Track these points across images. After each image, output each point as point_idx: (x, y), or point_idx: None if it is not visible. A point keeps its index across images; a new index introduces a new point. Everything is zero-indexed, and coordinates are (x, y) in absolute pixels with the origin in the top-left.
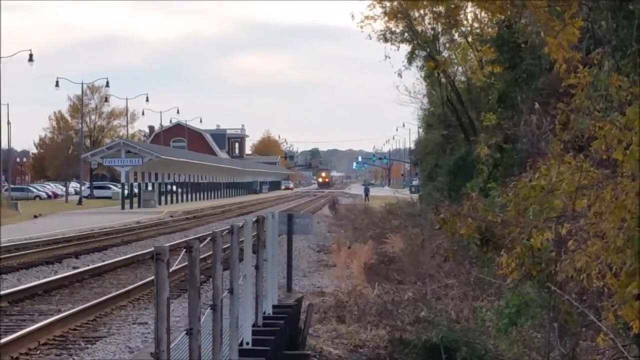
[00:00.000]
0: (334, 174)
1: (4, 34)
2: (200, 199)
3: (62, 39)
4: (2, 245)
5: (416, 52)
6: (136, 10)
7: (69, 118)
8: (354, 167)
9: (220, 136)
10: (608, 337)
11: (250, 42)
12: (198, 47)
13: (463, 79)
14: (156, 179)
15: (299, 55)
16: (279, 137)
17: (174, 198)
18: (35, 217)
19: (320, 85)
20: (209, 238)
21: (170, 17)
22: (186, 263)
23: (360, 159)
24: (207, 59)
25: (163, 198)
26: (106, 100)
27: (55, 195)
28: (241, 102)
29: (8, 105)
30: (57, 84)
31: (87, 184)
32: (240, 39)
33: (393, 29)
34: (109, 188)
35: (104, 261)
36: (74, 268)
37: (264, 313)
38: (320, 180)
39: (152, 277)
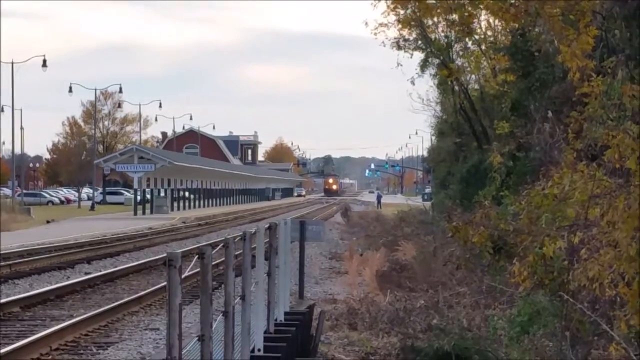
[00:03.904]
0: (346, 180)
1: (18, 40)
2: (212, 206)
3: (75, 45)
4: (13, 250)
5: (429, 59)
6: (150, 17)
7: (82, 124)
8: (366, 174)
9: (233, 143)
10: (620, 347)
11: (263, 50)
12: (211, 54)
13: (476, 86)
14: (169, 185)
15: (311, 63)
16: (292, 144)
17: (187, 204)
18: (48, 222)
19: (333, 92)
20: (221, 244)
21: (184, 25)
22: (198, 269)
23: (372, 166)
24: (221, 66)
25: (175, 204)
26: (119, 106)
27: (68, 201)
28: (254, 108)
29: (21, 110)
30: (70, 90)
31: (100, 189)
32: (253, 46)
33: (406, 36)
34: (122, 194)
35: (116, 267)
36: (86, 274)
37: (276, 320)
38: (327, 187)
39: (164, 283)
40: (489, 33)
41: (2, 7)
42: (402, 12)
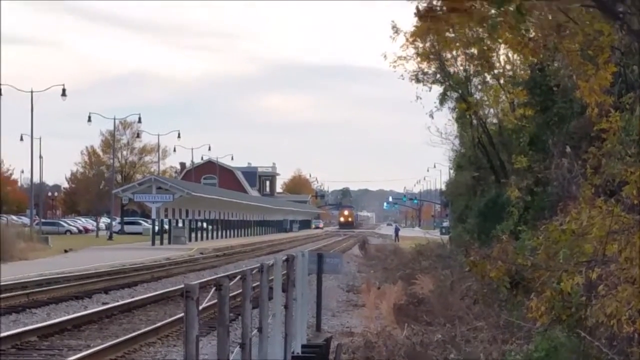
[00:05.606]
0: (364, 213)
1: (38, 69)
2: (230, 237)
3: (95, 74)
4: (31, 279)
5: (448, 93)
6: (169, 47)
7: (100, 153)
8: (384, 207)
9: (251, 174)
10: None
11: (283, 82)
12: (231, 85)
13: (494, 121)
14: (187, 215)
15: (331, 95)
16: (310, 175)
17: (204, 235)
18: (66, 251)
19: (352, 124)
20: (239, 276)
21: (203, 54)
22: (216, 301)
23: (390, 199)
24: (240, 97)
25: (193, 235)
26: (138, 136)
27: (86, 230)
28: (273, 140)
29: (40, 139)
30: (89, 119)
31: (118, 219)
32: (273, 78)
33: (425, 69)
34: (140, 224)
35: (133, 297)
36: (104, 304)
37: (293, 352)
38: (341, 219)
39: (182, 314)
40: (508, 67)
41: (20, 35)
42: (421, 45)
